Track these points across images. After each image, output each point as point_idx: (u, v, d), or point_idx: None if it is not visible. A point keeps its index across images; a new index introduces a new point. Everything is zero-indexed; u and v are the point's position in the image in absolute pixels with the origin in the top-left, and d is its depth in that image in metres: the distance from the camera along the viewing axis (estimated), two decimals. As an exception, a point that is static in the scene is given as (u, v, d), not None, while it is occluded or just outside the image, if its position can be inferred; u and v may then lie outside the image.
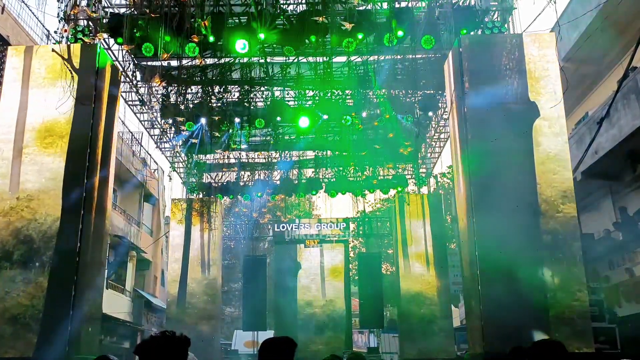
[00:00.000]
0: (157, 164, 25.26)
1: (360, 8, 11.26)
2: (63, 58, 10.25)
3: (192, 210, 19.83)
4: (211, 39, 10.87)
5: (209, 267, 19.47)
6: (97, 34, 11.02)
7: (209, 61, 13.79)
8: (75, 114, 10.09)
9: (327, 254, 21.45)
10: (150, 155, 23.81)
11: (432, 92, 15.56)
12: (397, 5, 11.84)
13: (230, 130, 16.61)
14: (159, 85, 13.99)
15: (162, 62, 12.34)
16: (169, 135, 17.96)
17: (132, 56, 13.57)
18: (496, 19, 11.66)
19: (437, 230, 19.22)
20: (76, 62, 10.33)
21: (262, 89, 15.71)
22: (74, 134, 10.01)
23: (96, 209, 9.97)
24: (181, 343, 2.58)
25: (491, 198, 9.93)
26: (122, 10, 11.77)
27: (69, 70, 10.19)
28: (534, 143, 10.14)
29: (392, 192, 20.66)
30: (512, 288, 9.52)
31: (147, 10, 10.73)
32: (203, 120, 15.58)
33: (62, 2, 10.60)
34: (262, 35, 10.84)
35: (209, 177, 20.90)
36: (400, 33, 11.04)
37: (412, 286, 18.73)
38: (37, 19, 14.53)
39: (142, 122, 16.87)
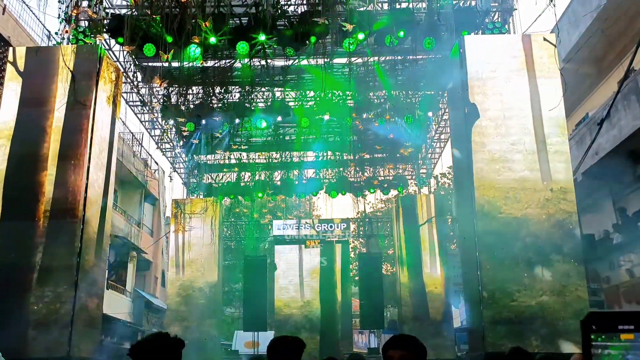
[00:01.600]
0: (157, 164, 25.30)
1: (361, 9, 11.28)
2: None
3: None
4: (212, 40, 10.90)
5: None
6: (98, 35, 11.04)
7: (210, 62, 13.81)
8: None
9: (322, 254, 21.57)
10: (151, 155, 23.84)
11: (432, 92, 15.59)
12: (397, 6, 11.87)
13: (231, 131, 16.63)
14: (160, 85, 14.01)
15: (163, 62, 12.36)
16: (169, 135, 17.98)
17: (133, 57, 13.59)
18: (497, 20, 11.68)
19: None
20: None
21: (263, 89, 15.74)
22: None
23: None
24: (175, 345, 2.58)
25: (492, 199, 9.94)
26: (123, 11, 11.79)
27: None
28: (536, 142, 10.17)
29: (393, 192, 20.68)
30: (512, 288, 9.54)
31: (148, 11, 10.75)
32: (204, 121, 15.59)
33: (63, 3, 10.62)
34: (262, 37, 10.86)
35: (209, 177, 20.91)
36: (401, 34, 11.07)
37: (411, 287, 18.73)
38: (39, 19, 14.57)
39: (143, 123, 16.89)
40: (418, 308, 18.31)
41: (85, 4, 11.19)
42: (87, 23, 11.10)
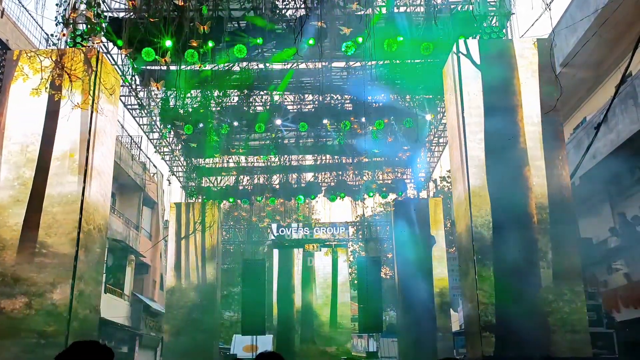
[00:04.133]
0: (156, 168, 25.29)
1: (360, 13, 11.30)
2: None
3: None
4: (210, 43, 10.92)
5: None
6: (96, 38, 11.03)
7: (208, 65, 13.81)
8: None
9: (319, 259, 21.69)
10: (149, 159, 23.83)
11: (430, 96, 15.59)
12: (395, 10, 11.90)
13: (229, 135, 16.64)
14: (158, 89, 14.01)
15: (162, 66, 12.37)
16: (168, 139, 17.99)
17: (131, 60, 13.58)
18: (494, 24, 11.68)
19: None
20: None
21: (262, 93, 15.75)
22: None
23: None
24: (104, 354, 2.52)
25: (489, 203, 9.94)
26: (122, 14, 11.80)
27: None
28: (532, 149, 10.19)
29: (392, 196, 20.67)
30: (510, 292, 9.53)
31: (146, 15, 10.76)
32: (202, 124, 15.60)
33: (60, 6, 10.63)
34: (260, 40, 10.89)
35: (208, 181, 20.92)
36: (399, 38, 11.09)
37: (411, 290, 18.72)
38: (37, 22, 14.59)
39: (141, 126, 16.89)
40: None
41: (83, 7, 11.19)
42: (84, 26, 11.09)
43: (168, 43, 10.69)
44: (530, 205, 9.93)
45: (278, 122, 15.71)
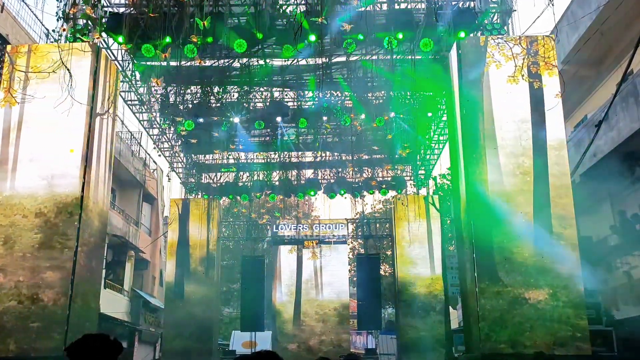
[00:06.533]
0: (156, 163, 25.23)
1: (361, 9, 11.26)
2: None
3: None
4: (210, 39, 10.87)
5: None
6: (96, 34, 10.99)
7: (208, 62, 13.77)
8: None
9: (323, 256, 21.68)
10: (149, 155, 23.77)
11: (431, 93, 15.56)
12: (396, 7, 11.87)
13: (229, 131, 16.61)
14: (158, 85, 13.97)
15: (162, 62, 12.32)
16: (167, 135, 17.96)
17: (132, 56, 13.54)
18: (496, 21, 11.65)
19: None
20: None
21: (262, 89, 15.72)
22: None
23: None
24: (113, 348, 2.55)
25: (489, 200, 9.93)
26: (122, 9, 11.74)
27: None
28: (533, 146, 10.18)
29: (391, 193, 20.66)
30: (509, 290, 9.52)
31: (146, 10, 10.71)
32: (202, 120, 15.57)
33: (61, 1, 10.58)
34: (260, 36, 10.85)
35: (207, 177, 20.89)
36: (400, 36, 11.05)
37: (410, 288, 18.75)
38: (37, 17, 14.54)
39: (141, 122, 16.86)
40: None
41: (82, 2, 11.14)
42: (84, 21, 11.04)
43: (168, 39, 10.64)
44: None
45: (278, 119, 15.66)
